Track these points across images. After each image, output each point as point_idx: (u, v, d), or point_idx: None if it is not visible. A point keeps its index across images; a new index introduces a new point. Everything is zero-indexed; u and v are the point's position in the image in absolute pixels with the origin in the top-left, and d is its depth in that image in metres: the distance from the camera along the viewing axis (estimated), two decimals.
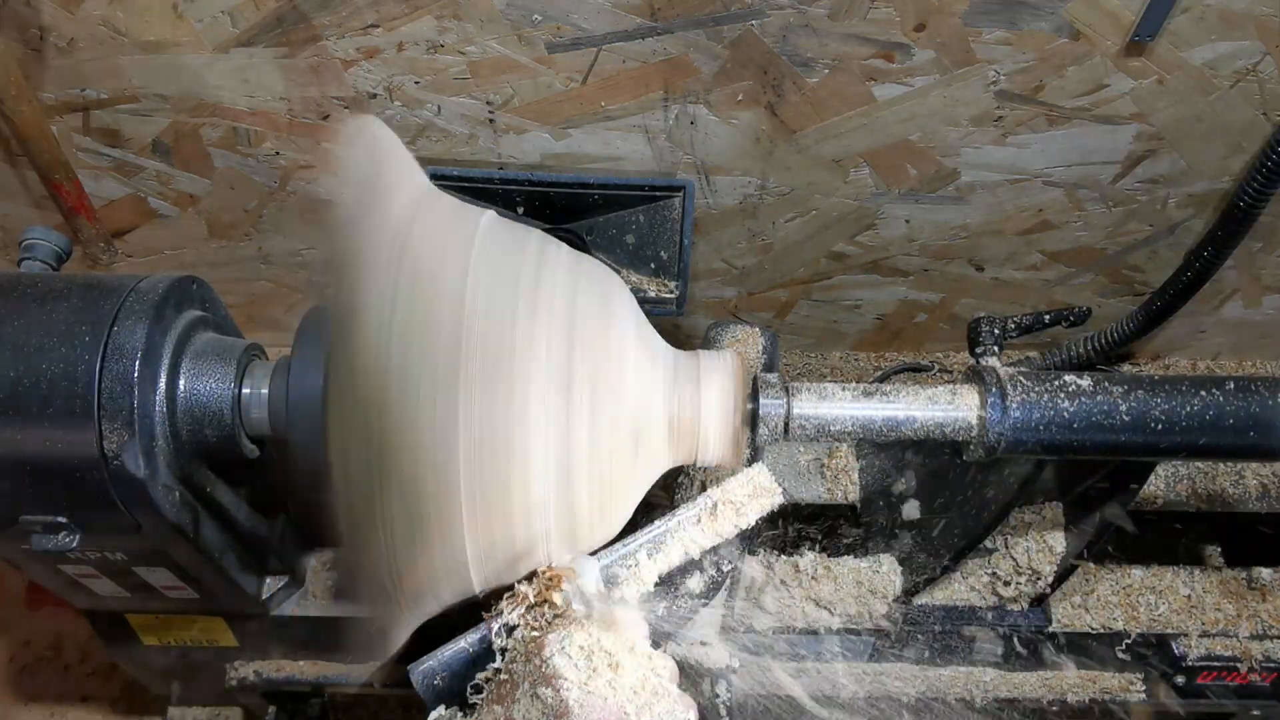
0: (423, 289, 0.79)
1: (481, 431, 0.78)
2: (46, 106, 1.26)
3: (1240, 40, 1.15)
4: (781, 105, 1.24)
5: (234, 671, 1.30)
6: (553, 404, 0.80)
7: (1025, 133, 1.28)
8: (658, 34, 1.16)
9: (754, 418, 0.89)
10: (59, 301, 0.89)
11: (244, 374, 0.95)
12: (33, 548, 0.90)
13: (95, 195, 1.39)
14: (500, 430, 0.78)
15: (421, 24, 1.16)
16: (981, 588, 1.22)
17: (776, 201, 1.39)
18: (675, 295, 1.34)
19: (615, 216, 1.32)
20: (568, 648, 0.75)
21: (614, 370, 0.84)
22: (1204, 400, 0.89)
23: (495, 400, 0.78)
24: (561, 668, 0.73)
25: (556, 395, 0.80)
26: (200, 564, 1.02)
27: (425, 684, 0.83)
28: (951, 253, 1.48)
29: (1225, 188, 1.34)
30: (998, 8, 1.12)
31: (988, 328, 1.01)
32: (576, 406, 0.81)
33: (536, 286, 0.83)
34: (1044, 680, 1.29)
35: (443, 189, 0.91)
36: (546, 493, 0.81)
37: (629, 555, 0.88)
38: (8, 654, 1.83)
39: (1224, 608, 1.25)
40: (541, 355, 0.80)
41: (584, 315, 0.84)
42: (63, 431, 0.85)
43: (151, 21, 1.16)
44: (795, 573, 1.22)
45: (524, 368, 0.79)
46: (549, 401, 0.80)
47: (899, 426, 0.90)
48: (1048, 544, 1.15)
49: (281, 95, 1.25)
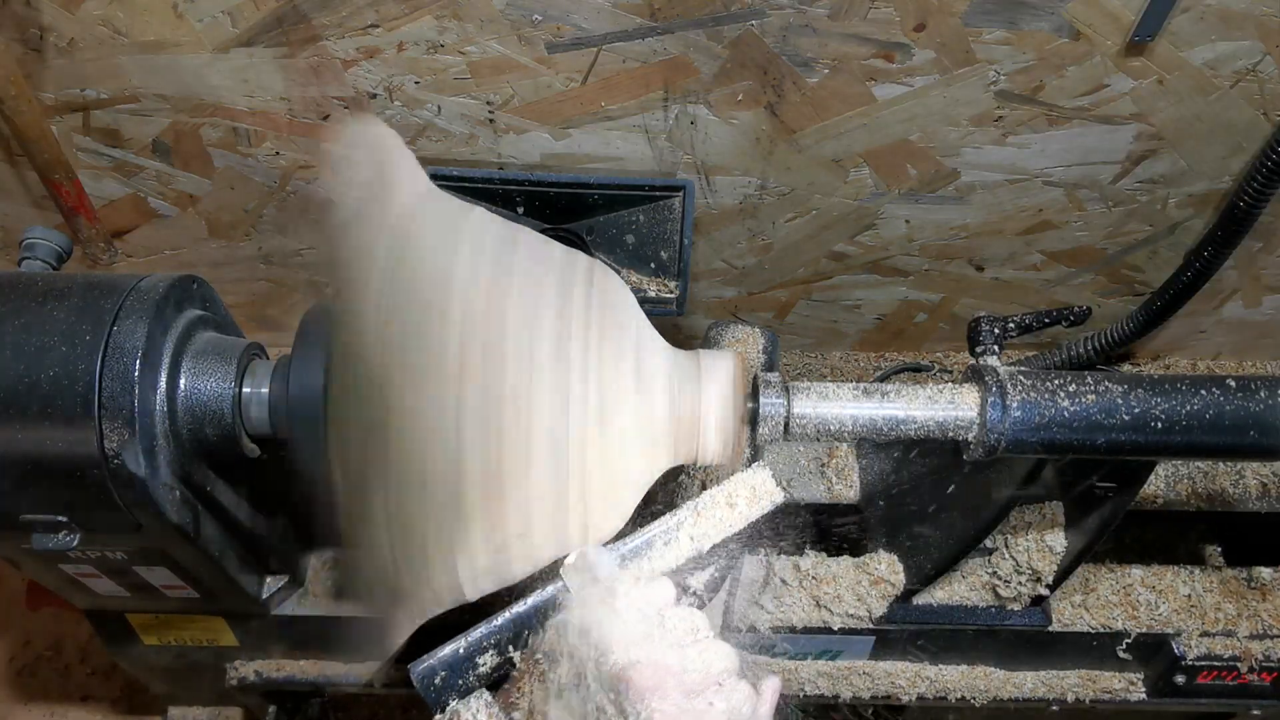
0: (422, 290, 0.79)
1: (483, 433, 0.78)
2: (46, 106, 1.26)
3: (1240, 40, 1.15)
4: (781, 105, 1.24)
5: (234, 671, 1.30)
6: (554, 405, 0.80)
7: (1025, 133, 1.28)
8: (658, 34, 1.16)
9: (754, 417, 0.90)
10: (59, 301, 0.89)
11: (244, 373, 0.95)
12: (33, 547, 0.90)
13: (95, 195, 1.39)
14: (502, 432, 0.78)
15: (421, 24, 1.16)
16: (981, 588, 1.22)
17: (776, 201, 1.39)
18: (675, 295, 1.34)
19: (615, 216, 1.32)
20: (607, 614, 0.76)
21: (614, 370, 0.84)
22: (1204, 400, 0.89)
23: (497, 401, 0.78)
24: (602, 636, 0.74)
25: (558, 396, 0.80)
26: (200, 564, 1.02)
27: (425, 684, 0.83)
28: (951, 253, 1.48)
29: (1225, 188, 1.34)
30: (998, 8, 1.12)
31: (988, 328, 1.01)
32: (578, 408, 0.81)
33: (537, 286, 0.83)
34: (1044, 680, 1.29)
35: (443, 189, 0.91)
36: (546, 493, 0.81)
37: (627, 556, 0.88)
38: (8, 654, 1.83)
39: (1224, 608, 1.26)
40: (543, 356, 0.80)
41: (584, 316, 0.84)
42: (63, 431, 0.85)
43: (151, 21, 1.16)
44: (795, 572, 1.22)
45: (525, 369, 0.79)
46: (551, 402, 0.80)
47: (899, 426, 0.90)
48: (1048, 544, 1.15)
49: (281, 95, 1.25)
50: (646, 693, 0.71)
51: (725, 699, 0.73)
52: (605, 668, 0.72)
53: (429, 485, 0.78)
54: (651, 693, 0.71)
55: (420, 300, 0.79)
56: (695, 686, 0.73)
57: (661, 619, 0.77)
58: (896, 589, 1.20)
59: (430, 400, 0.77)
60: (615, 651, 0.73)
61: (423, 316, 0.78)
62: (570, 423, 0.80)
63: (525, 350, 0.80)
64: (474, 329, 0.78)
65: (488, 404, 0.78)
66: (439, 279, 0.80)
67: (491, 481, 0.79)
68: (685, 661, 0.74)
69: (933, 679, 1.28)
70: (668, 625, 0.77)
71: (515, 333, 0.80)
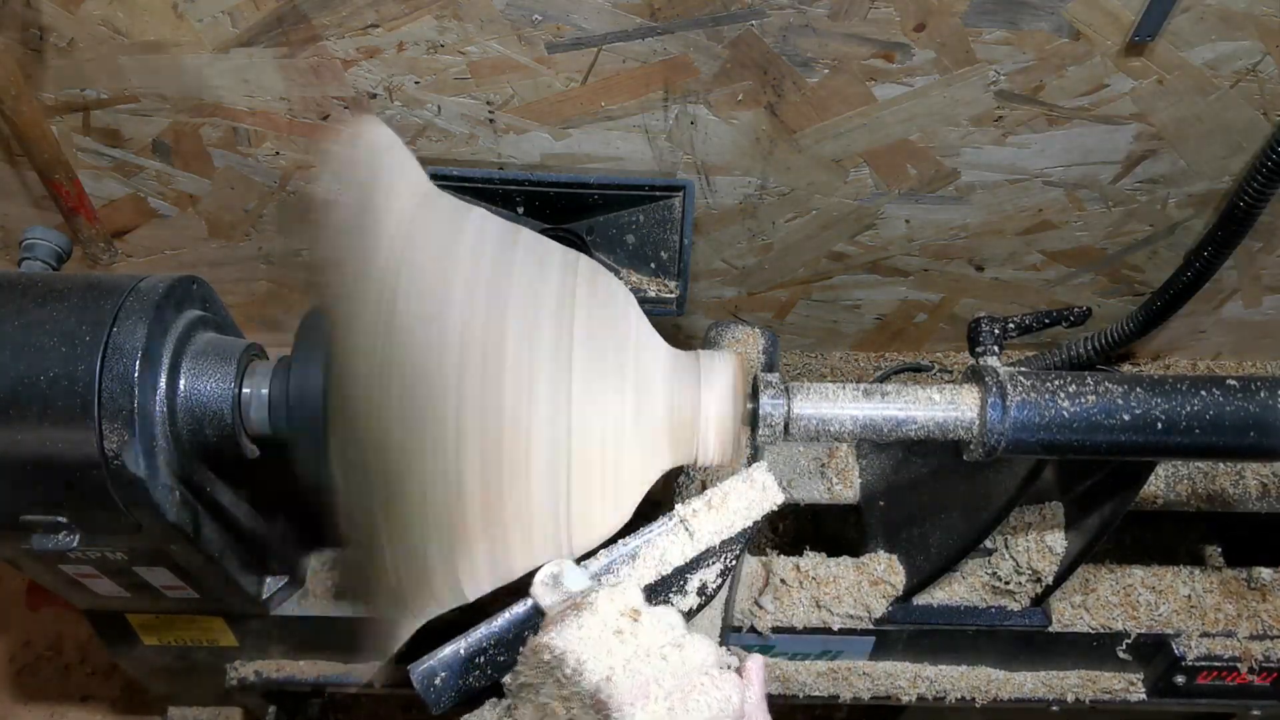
0: (422, 291, 0.79)
1: (483, 435, 0.78)
2: (46, 106, 1.26)
3: (1240, 40, 1.15)
4: (781, 105, 1.24)
5: (234, 671, 1.30)
6: (554, 406, 0.80)
7: (1025, 133, 1.28)
8: (658, 34, 1.16)
9: (754, 418, 0.89)
10: (59, 301, 0.89)
11: (244, 374, 0.95)
12: (33, 548, 0.90)
13: (95, 195, 1.39)
14: (501, 434, 0.78)
15: (421, 24, 1.16)
16: (981, 588, 1.22)
17: (776, 201, 1.39)
18: (675, 295, 1.34)
19: (615, 216, 1.32)
20: (573, 632, 0.73)
21: (614, 372, 0.84)
22: (1204, 400, 0.89)
23: (497, 403, 0.78)
24: (574, 656, 0.71)
25: (557, 398, 0.80)
26: (200, 564, 1.02)
27: (425, 684, 0.83)
28: (951, 253, 1.48)
29: (1225, 188, 1.34)
30: (998, 8, 1.12)
31: (988, 328, 1.01)
32: (577, 409, 0.81)
33: (537, 288, 0.83)
34: (1044, 681, 1.29)
35: (443, 189, 0.91)
36: (546, 494, 0.81)
37: (626, 556, 0.88)
38: (8, 654, 1.83)
39: (1224, 608, 1.25)
40: (543, 358, 0.80)
41: (584, 317, 0.84)
42: (63, 431, 0.85)
43: (151, 21, 1.16)
44: (795, 572, 1.22)
45: (525, 371, 0.79)
46: (550, 404, 0.80)
47: (899, 426, 0.90)
48: (1048, 544, 1.15)
49: (281, 95, 1.25)
50: (627, 705, 0.69)
51: (713, 692, 0.72)
52: (584, 687, 0.70)
53: (429, 487, 0.78)
54: (634, 705, 0.69)
55: (420, 303, 0.78)
56: (680, 687, 0.71)
57: (635, 626, 0.75)
58: (896, 589, 1.20)
59: (430, 405, 0.77)
60: (590, 670, 0.71)
61: (422, 321, 0.78)
62: (570, 424, 0.80)
63: (525, 353, 0.79)
64: (473, 332, 0.78)
65: (487, 405, 0.78)
66: (439, 281, 0.80)
67: (491, 484, 0.79)
68: (665, 665, 0.72)
69: (933, 679, 1.28)
70: (642, 632, 0.74)
71: (515, 336, 0.80)
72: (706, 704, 0.71)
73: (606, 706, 0.69)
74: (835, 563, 1.22)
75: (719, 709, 0.71)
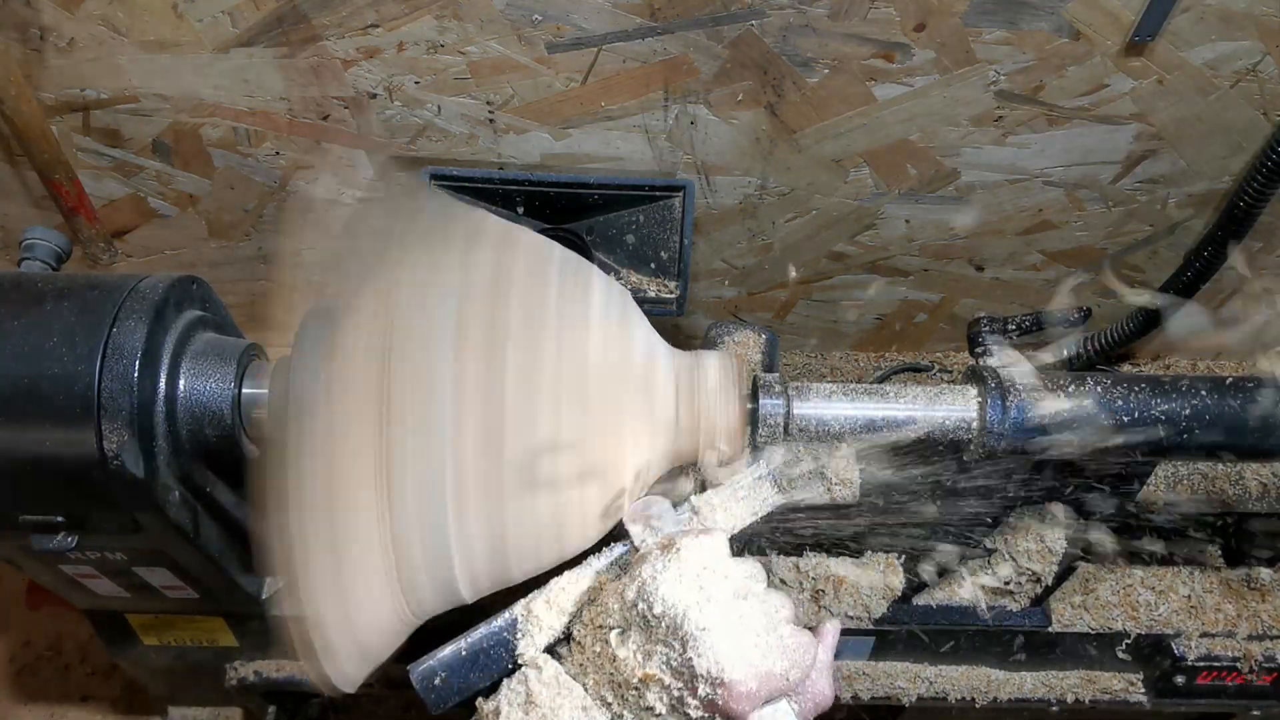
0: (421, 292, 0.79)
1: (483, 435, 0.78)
2: (46, 106, 1.26)
3: (1240, 40, 1.15)
4: (781, 105, 1.24)
5: (234, 671, 1.30)
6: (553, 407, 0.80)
7: (1025, 133, 1.28)
8: (658, 34, 1.16)
9: (754, 418, 0.90)
10: (59, 301, 0.89)
11: (244, 374, 0.95)
12: (33, 548, 0.90)
13: (95, 195, 1.39)
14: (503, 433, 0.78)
15: (421, 24, 1.16)
16: (981, 588, 1.22)
17: (776, 201, 1.39)
18: (675, 295, 1.34)
19: (615, 216, 1.32)
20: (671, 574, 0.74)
21: (614, 372, 0.84)
22: (1204, 400, 0.89)
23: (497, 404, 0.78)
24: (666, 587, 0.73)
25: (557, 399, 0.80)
26: (200, 564, 1.02)
27: (425, 684, 0.83)
28: (951, 253, 1.48)
29: (1225, 188, 1.34)
30: (998, 8, 1.12)
31: (988, 328, 1.01)
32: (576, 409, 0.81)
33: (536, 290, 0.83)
34: (1044, 681, 1.29)
35: (443, 189, 0.91)
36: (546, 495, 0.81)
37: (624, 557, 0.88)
38: (8, 654, 1.83)
39: (1224, 608, 1.25)
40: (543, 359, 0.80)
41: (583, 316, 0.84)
42: (63, 431, 0.85)
43: (151, 21, 1.16)
44: (795, 572, 1.22)
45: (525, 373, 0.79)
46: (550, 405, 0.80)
47: (899, 426, 0.90)
48: (1048, 544, 1.15)
49: (281, 95, 1.25)
50: (717, 636, 0.71)
51: (794, 640, 0.74)
52: (673, 617, 0.71)
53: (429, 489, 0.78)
54: (722, 637, 0.71)
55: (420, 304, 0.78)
56: (767, 628, 0.73)
57: (726, 567, 0.76)
58: (896, 589, 1.20)
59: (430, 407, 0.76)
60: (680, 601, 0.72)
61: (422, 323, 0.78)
62: (569, 425, 0.80)
63: (525, 355, 0.79)
64: (473, 335, 0.78)
65: (488, 405, 0.78)
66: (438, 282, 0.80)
67: (492, 485, 0.79)
68: (753, 606, 0.74)
69: (932, 679, 1.27)
70: (733, 573, 0.76)
71: (515, 339, 0.79)
72: (788, 649, 0.74)
73: (693, 638, 0.71)
74: (835, 562, 1.22)
75: (798, 657, 0.74)
